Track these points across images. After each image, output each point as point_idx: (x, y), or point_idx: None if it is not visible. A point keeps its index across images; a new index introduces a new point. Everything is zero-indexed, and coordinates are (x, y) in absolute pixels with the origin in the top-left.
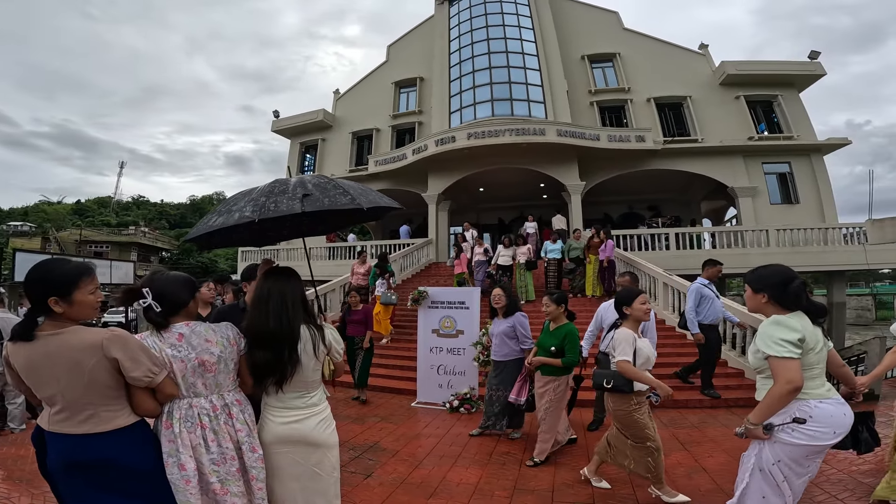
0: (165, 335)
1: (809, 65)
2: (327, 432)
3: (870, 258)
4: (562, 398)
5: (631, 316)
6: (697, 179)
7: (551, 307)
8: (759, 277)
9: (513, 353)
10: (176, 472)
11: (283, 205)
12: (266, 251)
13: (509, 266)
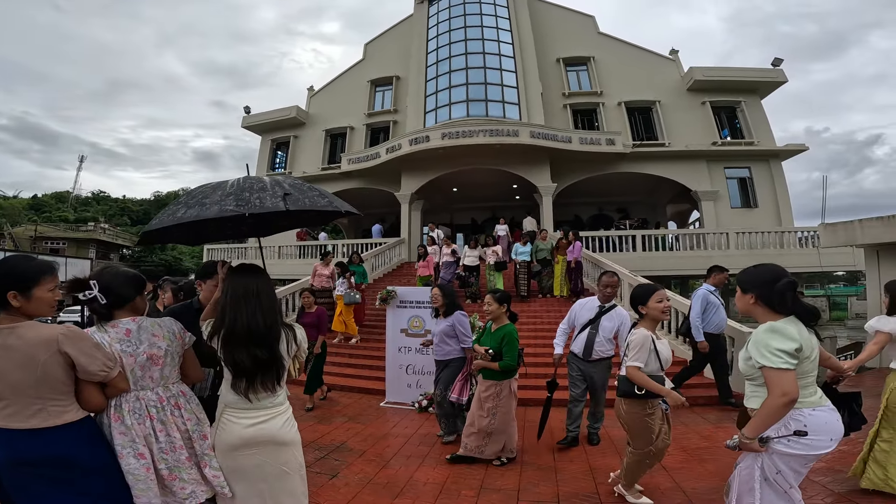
0: (112, 330)
1: (772, 72)
2: (293, 430)
3: (823, 261)
4: (509, 401)
5: (647, 315)
6: (664, 183)
7: (493, 306)
8: (748, 277)
9: (453, 351)
10: (134, 462)
11: (268, 201)
12: (234, 248)
13: (476, 266)
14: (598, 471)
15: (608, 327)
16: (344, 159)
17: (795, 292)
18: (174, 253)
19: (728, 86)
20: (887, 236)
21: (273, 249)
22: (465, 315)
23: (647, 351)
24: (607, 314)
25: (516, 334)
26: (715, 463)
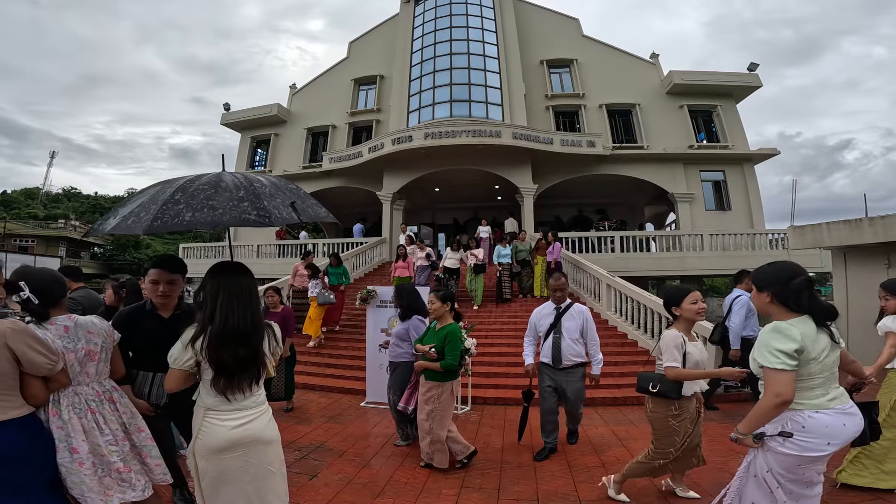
0: (52, 328)
1: (748, 76)
2: (275, 429)
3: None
4: (447, 406)
5: (681, 317)
6: (642, 185)
7: (436, 304)
8: (762, 275)
9: (405, 355)
10: (67, 456)
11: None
12: (210, 247)
13: (456, 269)
14: (576, 469)
15: (572, 327)
16: (325, 158)
17: (811, 290)
18: (147, 252)
19: (705, 90)
20: (853, 239)
21: (251, 248)
22: (423, 321)
23: (679, 350)
24: (566, 314)
25: (460, 334)
26: None
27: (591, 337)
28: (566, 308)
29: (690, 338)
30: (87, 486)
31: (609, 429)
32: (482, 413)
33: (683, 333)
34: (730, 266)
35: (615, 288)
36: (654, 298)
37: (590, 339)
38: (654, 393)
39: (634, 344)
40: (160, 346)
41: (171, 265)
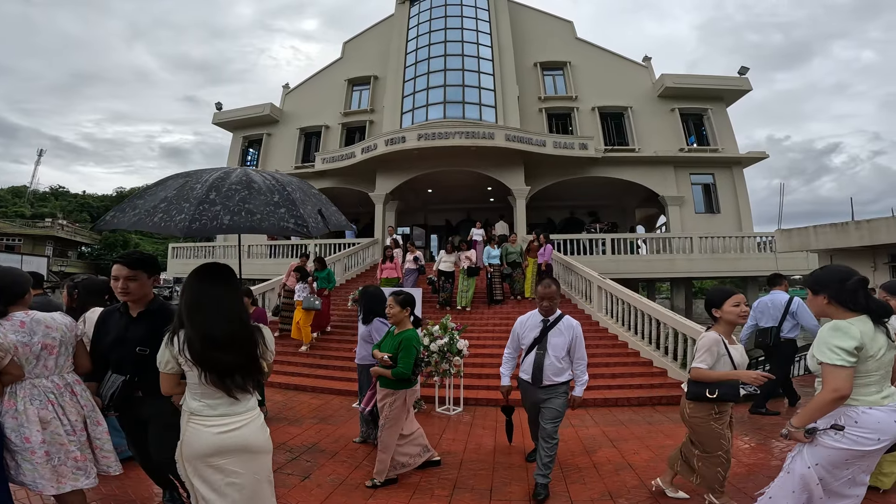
0: (7, 323)
1: (738, 80)
2: (266, 436)
3: (780, 265)
4: (399, 415)
5: (721, 319)
6: (633, 188)
7: (394, 309)
8: (817, 279)
9: (367, 357)
10: (20, 444)
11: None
12: (200, 247)
13: (451, 272)
14: (568, 470)
15: (559, 344)
16: (318, 158)
17: (866, 290)
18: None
19: (696, 93)
20: (839, 242)
21: (242, 249)
22: (385, 323)
23: (715, 354)
24: (554, 328)
25: (416, 341)
26: None
27: (579, 355)
28: (555, 321)
29: (731, 341)
30: (38, 473)
31: (600, 429)
32: (474, 414)
33: (724, 336)
34: (718, 269)
35: (606, 290)
36: (644, 300)
37: (577, 357)
38: (713, 399)
39: (625, 346)
40: (121, 345)
41: (131, 261)
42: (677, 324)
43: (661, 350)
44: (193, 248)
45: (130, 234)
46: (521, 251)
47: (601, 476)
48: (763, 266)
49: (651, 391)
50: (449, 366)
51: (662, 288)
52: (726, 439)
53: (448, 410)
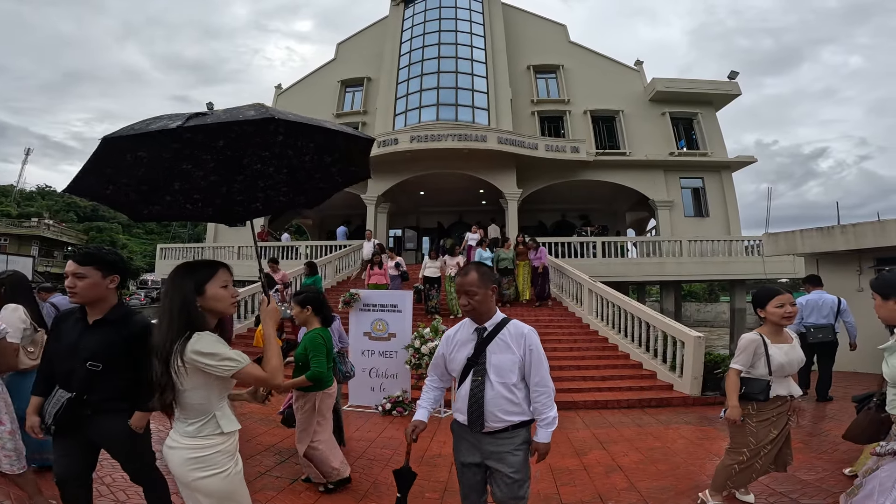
0: None
1: (728, 84)
2: (197, 475)
3: (767, 268)
4: (308, 420)
5: (767, 320)
6: (624, 191)
7: (295, 310)
8: (886, 283)
9: None
10: None
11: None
12: (190, 248)
13: (437, 278)
14: (558, 472)
15: (504, 364)
16: None
17: None
18: (124, 252)
19: (687, 97)
20: (825, 246)
21: (232, 250)
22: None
23: (751, 355)
24: (495, 340)
25: (321, 339)
26: (667, 463)
27: (540, 379)
28: (496, 329)
29: (777, 340)
30: None
31: (590, 432)
32: None
33: (768, 336)
34: (706, 272)
35: (596, 293)
36: (634, 303)
37: (535, 382)
38: (741, 395)
39: (615, 348)
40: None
41: (80, 255)
42: (666, 326)
43: (650, 353)
44: (182, 249)
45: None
46: (513, 258)
47: (591, 478)
48: (751, 269)
49: (641, 393)
50: None
51: (652, 291)
52: (759, 439)
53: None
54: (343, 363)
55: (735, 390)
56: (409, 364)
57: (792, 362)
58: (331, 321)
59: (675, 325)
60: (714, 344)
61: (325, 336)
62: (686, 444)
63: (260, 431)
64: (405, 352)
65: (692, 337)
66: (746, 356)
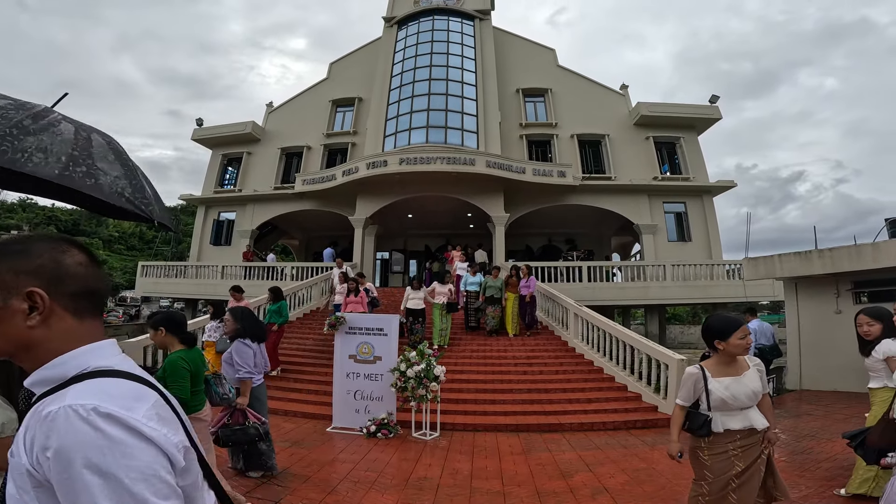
0: None
1: (709, 108)
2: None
3: (748, 292)
4: None
5: (724, 351)
6: (609, 216)
7: (149, 332)
8: None
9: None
10: None
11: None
12: (172, 266)
13: (421, 310)
14: (544, 495)
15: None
16: (298, 179)
17: None
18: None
19: (670, 122)
20: (803, 270)
21: (216, 269)
22: (248, 345)
23: (690, 391)
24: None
25: (182, 362)
26: (653, 484)
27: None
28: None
29: (723, 373)
30: None
31: (576, 454)
32: (451, 439)
33: (712, 368)
34: (690, 295)
35: (582, 317)
36: (619, 327)
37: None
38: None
39: (600, 371)
40: None
41: None
42: (650, 350)
43: (635, 375)
44: (164, 268)
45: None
46: (501, 287)
47: (578, 500)
48: (732, 293)
49: (626, 415)
50: (426, 391)
51: (637, 314)
52: (716, 472)
53: (424, 435)
54: (219, 385)
55: (677, 424)
56: (395, 387)
57: (737, 396)
58: (192, 342)
59: (658, 349)
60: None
61: (190, 358)
62: (671, 464)
63: None
64: (391, 375)
65: (675, 360)
66: (686, 391)
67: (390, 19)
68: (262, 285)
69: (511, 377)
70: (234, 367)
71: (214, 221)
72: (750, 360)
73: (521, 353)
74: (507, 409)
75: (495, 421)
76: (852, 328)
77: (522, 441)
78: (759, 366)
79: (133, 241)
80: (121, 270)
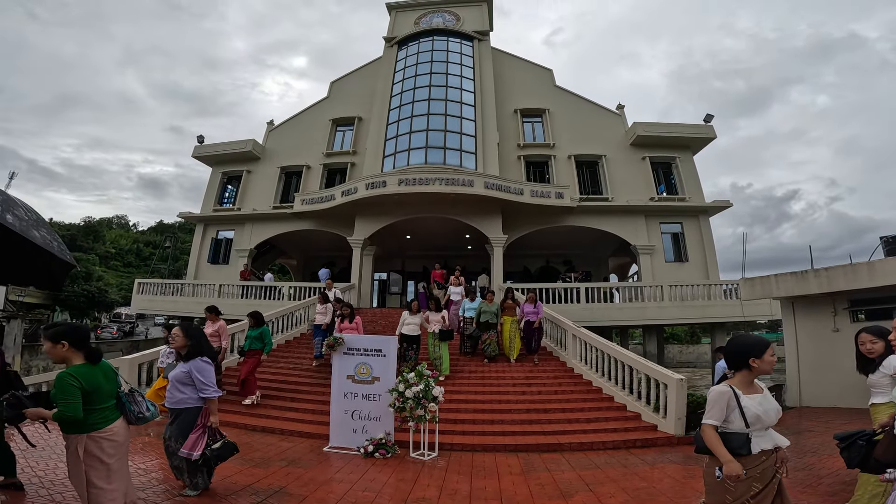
0: None
1: (703, 128)
2: None
3: (745, 311)
4: (75, 463)
5: (752, 370)
6: (606, 236)
7: (47, 346)
8: None
9: (189, 400)
10: None
11: None
12: (169, 284)
13: (416, 336)
14: None
15: None
16: (298, 199)
17: None
18: (99, 284)
19: (666, 141)
20: (800, 290)
21: (213, 288)
22: (208, 362)
23: (724, 407)
24: None
25: (70, 378)
26: (653, 503)
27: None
28: None
29: (752, 390)
30: None
31: (576, 473)
32: (449, 459)
33: (739, 388)
34: (688, 315)
35: (580, 338)
36: (617, 347)
37: None
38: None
39: (599, 391)
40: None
41: None
42: (648, 369)
43: (634, 395)
44: (161, 285)
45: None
46: (496, 312)
47: None
48: (730, 312)
49: (626, 434)
50: (424, 412)
51: (635, 334)
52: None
53: (422, 455)
54: (133, 403)
55: (720, 443)
56: (394, 407)
57: (769, 412)
58: (96, 357)
59: (657, 368)
60: (697, 384)
61: (86, 373)
62: (672, 483)
63: (234, 471)
64: (389, 395)
65: (674, 379)
66: (719, 410)
67: (391, 39)
68: (260, 305)
69: (509, 397)
70: (198, 385)
71: (213, 240)
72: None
73: (520, 374)
74: (506, 429)
75: (494, 441)
76: (851, 346)
77: (521, 461)
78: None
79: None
80: (117, 287)
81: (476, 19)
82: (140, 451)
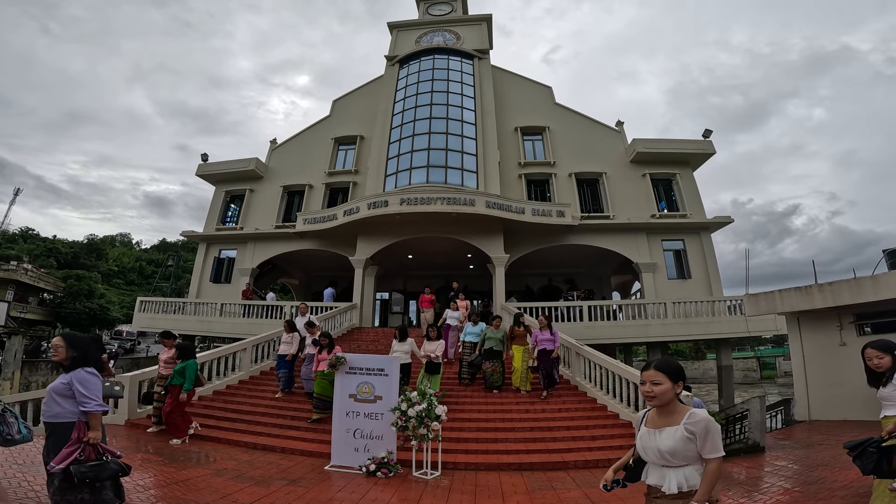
0: None
1: (703, 143)
2: None
3: (750, 327)
4: None
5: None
6: (608, 255)
7: None
8: None
9: (66, 413)
10: None
11: None
12: (170, 302)
13: (407, 364)
14: None
15: None
16: (300, 219)
17: None
18: (101, 301)
19: (665, 158)
20: (804, 304)
21: (215, 307)
22: (93, 373)
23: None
24: None
25: None
26: None
27: None
28: None
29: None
30: None
31: (582, 492)
32: (452, 478)
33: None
34: (692, 332)
35: (584, 356)
36: (620, 365)
37: None
38: None
39: (604, 408)
40: None
41: None
42: None
43: (630, 407)
44: (163, 304)
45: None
46: (502, 339)
47: None
48: (735, 328)
49: (624, 448)
50: (427, 430)
51: (639, 351)
52: None
53: (425, 475)
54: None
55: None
56: (396, 426)
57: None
58: None
59: None
60: (704, 399)
61: None
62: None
63: (235, 489)
64: (391, 414)
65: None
66: None
67: (392, 58)
68: (262, 324)
69: (513, 415)
70: (78, 398)
71: (215, 259)
72: (691, 416)
73: (523, 397)
74: (510, 447)
75: (498, 459)
76: (858, 359)
77: (526, 480)
78: (694, 424)
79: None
80: (119, 304)
81: (476, 38)
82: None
